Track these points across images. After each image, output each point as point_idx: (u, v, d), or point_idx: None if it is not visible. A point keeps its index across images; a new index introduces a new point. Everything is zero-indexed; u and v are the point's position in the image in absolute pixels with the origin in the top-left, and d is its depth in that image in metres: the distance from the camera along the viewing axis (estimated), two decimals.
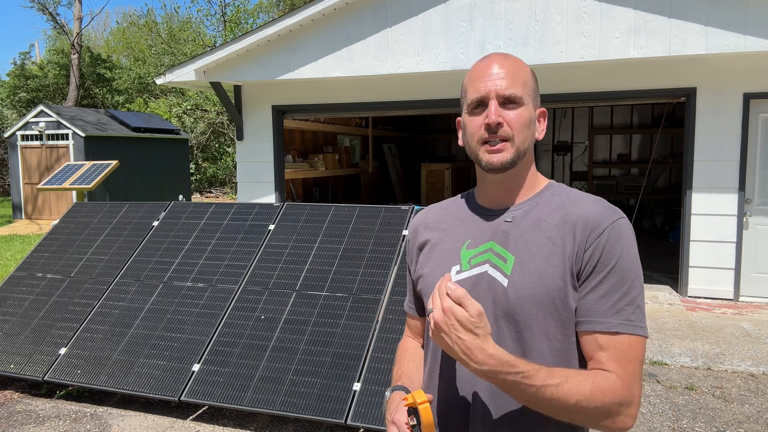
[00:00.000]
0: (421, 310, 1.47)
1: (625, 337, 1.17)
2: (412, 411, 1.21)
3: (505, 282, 1.23)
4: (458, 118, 1.37)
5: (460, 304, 1.08)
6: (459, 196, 1.45)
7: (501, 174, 1.27)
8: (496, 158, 1.24)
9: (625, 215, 1.24)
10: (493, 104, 1.23)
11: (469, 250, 1.30)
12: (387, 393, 1.37)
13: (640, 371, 1.18)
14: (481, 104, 1.25)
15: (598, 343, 1.18)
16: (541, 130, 1.32)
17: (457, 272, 1.30)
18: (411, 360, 1.45)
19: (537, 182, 1.33)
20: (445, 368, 1.31)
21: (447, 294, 1.09)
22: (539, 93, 1.33)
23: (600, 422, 1.14)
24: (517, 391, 1.10)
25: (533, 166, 1.33)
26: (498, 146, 1.23)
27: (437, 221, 1.41)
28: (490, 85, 1.23)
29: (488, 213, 1.33)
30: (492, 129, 1.23)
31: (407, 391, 1.35)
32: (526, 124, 1.25)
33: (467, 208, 1.38)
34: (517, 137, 1.24)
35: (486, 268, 1.26)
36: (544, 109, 1.33)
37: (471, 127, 1.27)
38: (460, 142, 1.36)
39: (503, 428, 1.22)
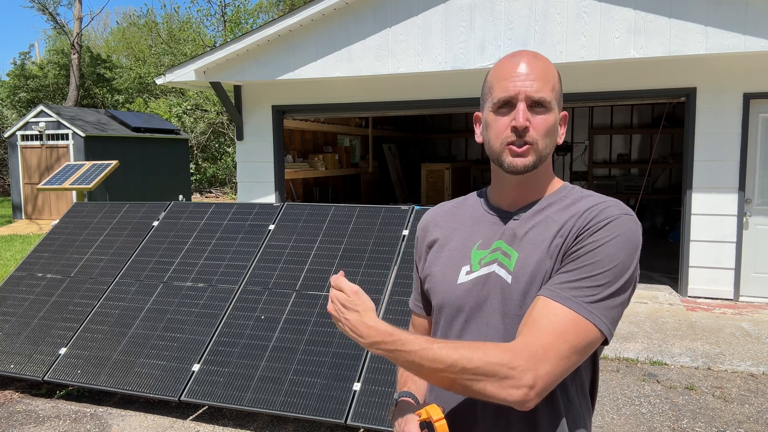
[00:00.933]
0: (429, 309, 1.46)
1: (563, 310, 1.10)
2: (426, 425, 1.18)
3: (509, 279, 1.23)
4: (477, 113, 1.34)
5: (340, 290, 1.19)
6: (472, 194, 1.43)
7: (520, 176, 1.26)
8: (520, 162, 1.22)
9: (635, 216, 1.20)
10: (522, 106, 1.20)
11: (479, 250, 1.29)
12: (395, 398, 1.35)
13: (561, 349, 1.08)
14: (507, 104, 1.22)
15: (533, 306, 1.14)
16: (561, 134, 1.30)
17: (467, 273, 1.28)
18: None
19: (552, 185, 1.32)
20: None
21: (331, 285, 1.20)
22: (563, 96, 1.31)
23: (486, 387, 1.07)
24: (399, 360, 1.13)
25: (551, 170, 1.32)
26: (523, 149, 1.21)
27: (448, 220, 1.39)
28: (520, 86, 1.21)
29: (501, 214, 1.31)
30: (519, 132, 1.21)
31: (415, 399, 1.33)
32: (552, 130, 1.24)
33: (480, 207, 1.36)
34: (541, 142, 1.22)
35: (494, 267, 1.26)
36: (566, 112, 1.31)
37: (496, 128, 1.24)
38: (478, 138, 1.33)
39: (516, 426, 1.21)
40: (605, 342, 1.15)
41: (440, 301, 1.32)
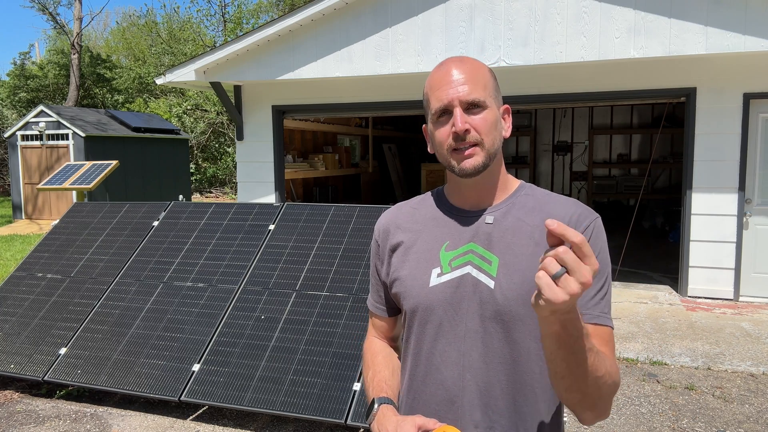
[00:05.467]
0: (392, 311, 1.46)
1: (606, 328, 1.20)
2: None
3: (491, 283, 1.23)
4: (424, 126, 1.36)
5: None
6: (428, 194, 1.43)
7: (475, 178, 1.27)
8: (469, 163, 1.23)
9: (599, 215, 1.28)
10: (458, 112, 1.22)
11: (448, 252, 1.29)
12: (376, 405, 1.30)
13: None
14: (445, 112, 1.25)
15: (587, 332, 1.17)
16: (507, 128, 1.32)
17: (438, 275, 1.28)
18: (385, 365, 1.42)
19: (509, 183, 1.34)
20: (430, 373, 1.29)
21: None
22: (500, 91, 1.33)
23: (598, 405, 1.11)
24: (578, 348, 1.03)
25: (503, 167, 1.34)
26: (468, 151, 1.23)
27: (409, 222, 1.39)
28: (452, 93, 1.23)
29: (464, 214, 1.32)
30: (460, 137, 1.22)
31: (395, 406, 1.30)
32: (493, 126, 1.25)
33: (440, 208, 1.37)
34: (485, 140, 1.24)
35: (468, 269, 1.26)
36: (507, 105, 1.33)
37: (439, 137, 1.26)
38: (430, 150, 1.35)
39: (496, 427, 1.23)
40: None
41: (413, 305, 1.31)
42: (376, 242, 1.44)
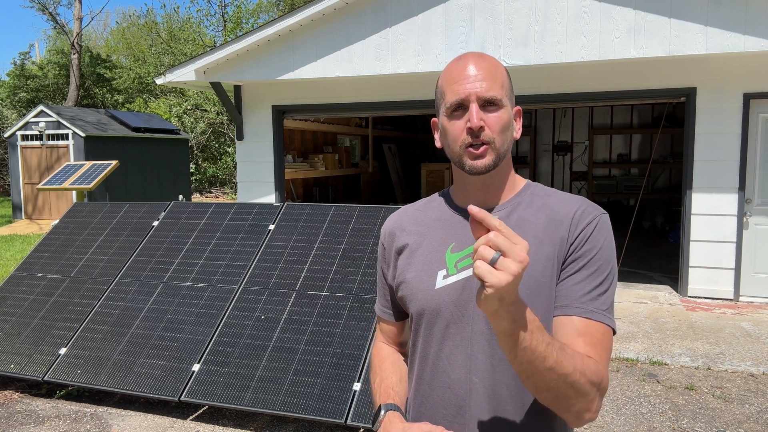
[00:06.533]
0: (399, 315, 1.45)
1: (600, 326, 1.17)
2: None
3: None
4: (434, 119, 1.35)
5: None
6: (435, 195, 1.42)
7: (482, 176, 1.26)
8: (480, 162, 1.23)
9: (606, 212, 1.26)
10: (474, 107, 1.21)
11: (454, 253, 1.28)
12: (382, 412, 1.29)
13: (608, 364, 1.17)
14: (460, 107, 1.23)
15: (576, 327, 1.17)
16: (518, 129, 1.31)
17: (444, 277, 1.27)
18: (393, 372, 1.41)
19: (516, 183, 1.33)
20: (438, 376, 1.29)
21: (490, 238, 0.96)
22: (514, 92, 1.32)
23: (575, 405, 1.09)
24: (534, 343, 1.01)
25: (512, 168, 1.33)
26: (481, 150, 1.22)
27: (414, 224, 1.38)
28: (470, 88, 1.21)
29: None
30: (475, 133, 1.21)
31: (402, 413, 1.30)
32: (506, 126, 1.24)
33: (446, 209, 1.36)
34: (497, 140, 1.23)
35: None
36: (519, 107, 1.33)
37: (452, 131, 1.25)
38: (437, 144, 1.34)
39: (505, 430, 1.22)
40: None
41: (419, 308, 1.30)
42: (382, 245, 1.43)
